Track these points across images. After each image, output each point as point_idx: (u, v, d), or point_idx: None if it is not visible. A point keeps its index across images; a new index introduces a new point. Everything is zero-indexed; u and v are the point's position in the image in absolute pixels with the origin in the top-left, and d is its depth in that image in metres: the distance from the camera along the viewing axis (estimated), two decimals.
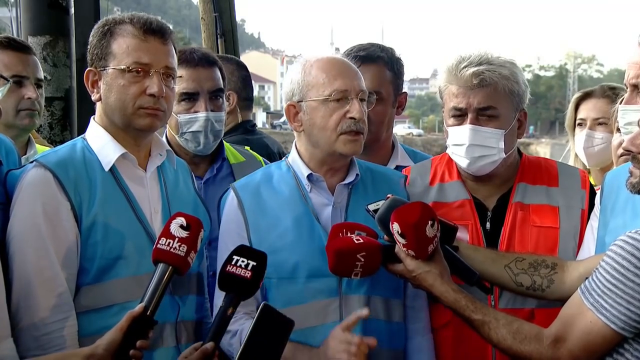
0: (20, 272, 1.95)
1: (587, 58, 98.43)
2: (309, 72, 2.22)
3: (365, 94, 2.26)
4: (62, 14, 3.74)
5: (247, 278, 1.82)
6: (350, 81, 2.21)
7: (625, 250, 1.69)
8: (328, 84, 2.19)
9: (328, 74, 2.20)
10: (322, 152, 2.24)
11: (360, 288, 2.20)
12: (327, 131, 2.20)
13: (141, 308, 1.78)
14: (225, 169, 2.82)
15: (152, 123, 2.11)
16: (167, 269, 1.83)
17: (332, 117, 2.18)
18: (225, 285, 1.83)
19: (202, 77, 2.71)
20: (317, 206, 2.25)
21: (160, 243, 1.85)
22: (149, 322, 1.79)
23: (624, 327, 1.71)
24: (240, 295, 1.83)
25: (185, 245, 1.85)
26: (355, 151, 2.23)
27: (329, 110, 2.19)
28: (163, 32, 2.12)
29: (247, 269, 1.82)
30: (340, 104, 2.18)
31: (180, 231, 1.86)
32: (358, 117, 2.18)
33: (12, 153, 2.21)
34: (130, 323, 1.76)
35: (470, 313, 1.98)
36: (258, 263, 1.84)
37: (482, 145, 2.35)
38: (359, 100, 2.20)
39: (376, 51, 2.89)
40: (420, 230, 1.98)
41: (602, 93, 3.19)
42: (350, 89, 2.19)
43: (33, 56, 2.79)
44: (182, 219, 1.88)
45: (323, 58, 2.25)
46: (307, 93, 2.22)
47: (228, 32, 6.10)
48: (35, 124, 2.82)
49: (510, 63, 2.38)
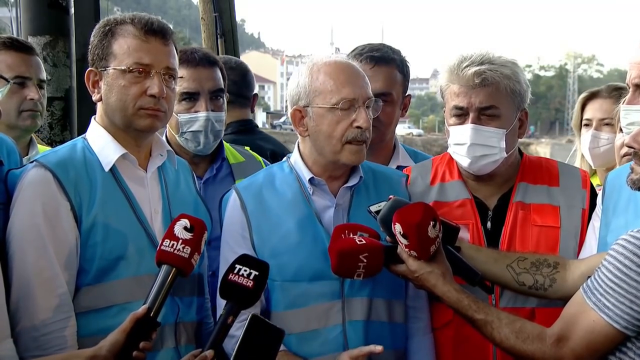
0: (20, 272, 1.94)
1: (587, 58, 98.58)
2: (316, 78, 2.20)
3: (372, 100, 2.25)
4: (62, 14, 3.74)
5: (249, 287, 1.82)
6: (359, 89, 2.19)
7: (627, 249, 1.69)
8: (336, 91, 2.17)
9: (336, 81, 2.18)
10: (326, 159, 2.23)
11: (362, 290, 2.19)
12: (332, 140, 2.18)
13: (144, 309, 1.78)
14: (225, 169, 2.82)
15: (152, 124, 2.11)
16: (170, 271, 1.83)
17: (338, 126, 2.17)
18: (227, 294, 1.83)
19: (202, 77, 2.70)
20: (319, 208, 2.24)
21: (164, 245, 1.85)
22: (152, 323, 1.79)
23: (626, 326, 1.71)
24: (241, 304, 1.84)
25: (189, 247, 1.85)
26: (359, 161, 2.23)
27: (336, 118, 2.17)
28: (164, 33, 2.11)
29: (250, 278, 1.83)
30: (347, 112, 2.17)
31: (184, 233, 1.86)
32: (365, 126, 2.17)
33: (14, 153, 2.20)
34: (134, 324, 1.76)
35: (472, 313, 1.98)
36: (260, 273, 1.84)
37: (483, 144, 2.35)
38: (365, 109, 2.18)
39: (389, 52, 2.90)
40: (422, 231, 1.98)
41: (608, 93, 3.19)
42: (358, 97, 2.18)
43: (36, 57, 2.79)
44: (186, 220, 1.88)
45: (330, 63, 2.22)
46: (313, 99, 2.20)
47: (228, 32, 6.10)
48: (38, 124, 2.81)
49: (511, 63, 2.38)
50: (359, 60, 2.84)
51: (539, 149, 40.63)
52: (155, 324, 1.80)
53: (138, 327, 1.76)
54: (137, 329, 1.76)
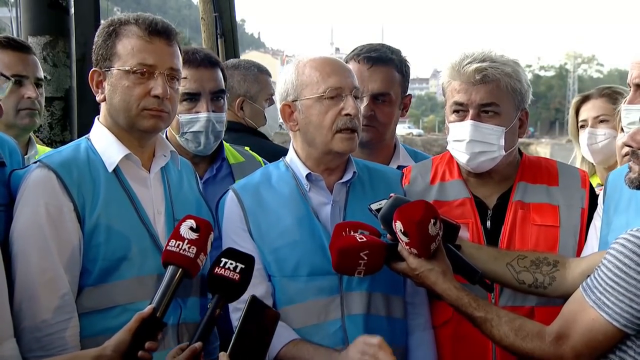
0: (23, 272, 1.94)
1: (587, 58, 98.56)
2: (302, 72, 2.24)
3: (359, 91, 2.29)
4: (62, 14, 3.73)
5: (236, 280, 1.84)
6: (344, 78, 2.23)
7: (627, 248, 1.70)
8: (322, 81, 2.20)
9: (322, 72, 2.22)
10: (318, 150, 2.25)
11: (361, 285, 2.21)
12: (323, 129, 2.21)
13: (150, 309, 1.78)
14: (225, 169, 2.82)
15: (156, 124, 2.11)
16: (177, 271, 1.84)
17: (327, 115, 2.20)
18: (214, 287, 1.85)
19: (204, 77, 2.71)
20: (316, 205, 2.26)
21: (170, 245, 1.86)
22: (158, 323, 1.80)
23: (626, 325, 1.71)
24: (228, 297, 1.86)
25: (195, 247, 1.85)
26: (351, 149, 2.25)
27: (324, 107, 2.20)
28: (168, 33, 2.11)
29: (236, 271, 1.85)
30: (335, 101, 2.20)
31: (190, 233, 1.87)
32: (353, 113, 2.20)
33: (16, 153, 2.19)
34: (139, 324, 1.77)
35: (472, 310, 1.98)
36: (246, 266, 1.86)
37: (482, 141, 2.35)
38: (352, 97, 2.22)
39: (387, 53, 2.91)
40: (423, 229, 1.99)
41: (599, 93, 3.27)
42: (344, 85, 2.21)
43: (33, 56, 2.79)
44: (192, 221, 1.89)
45: (316, 58, 2.28)
46: (301, 92, 2.23)
47: (228, 32, 6.09)
48: (36, 123, 2.82)
49: (513, 62, 2.39)
50: (357, 61, 2.86)
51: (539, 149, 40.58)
52: (161, 324, 1.81)
53: (144, 327, 1.77)
54: (142, 329, 1.77)
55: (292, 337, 2.15)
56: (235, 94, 3.27)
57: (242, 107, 3.30)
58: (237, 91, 3.29)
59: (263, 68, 3.48)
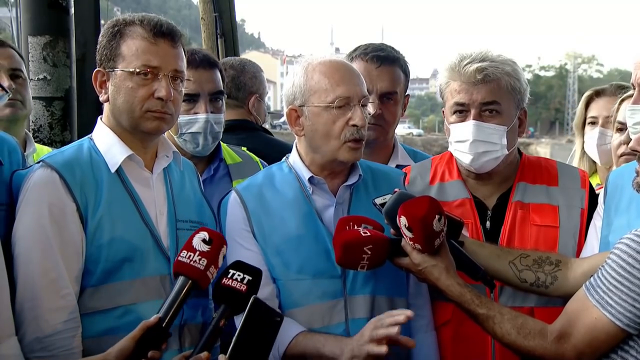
0: (25, 273, 1.94)
1: (587, 58, 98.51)
2: (311, 77, 2.20)
3: (367, 99, 2.26)
4: (62, 14, 3.72)
5: (243, 291, 1.84)
6: (353, 87, 2.19)
7: (631, 247, 1.70)
8: (331, 90, 2.17)
9: (331, 79, 2.18)
10: (323, 158, 2.24)
11: (365, 288, 2.20)
12: (330, 139, 2.19)
13: (156, 319, 1.78)
14: (222, 170, 2.82)
15: (159, 126, 2.11)
16: (186, 282, 1.84)
17: (335, 125, 2.17)
18: (220, 298, 1.86)
19: (203, 78, 2.70)
20: (319, 207, 2.25)
21: (181, 256, 1.86)
22: (163, 333, 1.80)
23: (629, 324, 1.72)
24: (234, 308, 1.86)
25: (206, 259, 1.86)
26: (356, 159, 2.24)
27: (332, 117, 2.18)
28: (173, 35, 2.10)
29: (243, 282, 1.86)
30: (343, 111, 2.17)
31: (202, 245, 1.87)
32: (361, 124, 2.18)
33: (16, 152, 2.18)
34: (144, 332, 1.76)
35: (475, 307, 1.98)
36: (253, 278, 1.87)
37: (485, 141, 2.35)
38: (360, 107, 2.19)
39: (393, 52, 2.93)
40: (427, 224, 1.98)
41: (613, 92, 3.17)
42: (352, 95, 2.18)
43: (7, 48, 2.78)
44: (205, 233, 1.90)
45: (325, 62, 2.23)
46: (309, 98, 2.20)
47: (228, 32, 6.09)
48: (19, 113, 2.78)
49: (511, 61, 2.40)
50: (365, 60, 2.86)
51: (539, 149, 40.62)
52: (166, 334, 1.80)
53: (148, 335, 1.76)
54: (146, 337, 1.76)
55: (299, 329, 2.14)
56: (247, 91, 3.24)
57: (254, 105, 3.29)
58: (250, 89, 3.25)
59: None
